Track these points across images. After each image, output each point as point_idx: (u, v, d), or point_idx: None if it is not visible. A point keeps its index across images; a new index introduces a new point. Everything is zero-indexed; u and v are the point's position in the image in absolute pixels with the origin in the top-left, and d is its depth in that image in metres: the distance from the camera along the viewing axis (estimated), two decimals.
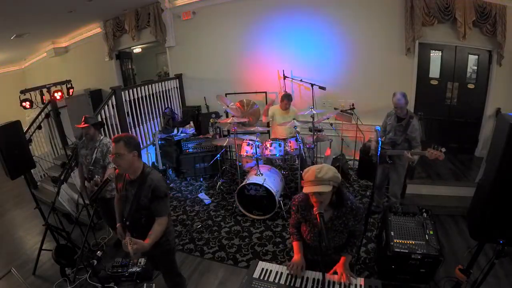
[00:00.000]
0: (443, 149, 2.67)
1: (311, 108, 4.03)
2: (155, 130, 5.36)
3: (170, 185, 4.89)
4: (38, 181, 5.13)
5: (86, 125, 2.90)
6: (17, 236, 3.99)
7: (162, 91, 5.53)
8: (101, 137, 3.04)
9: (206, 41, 5.54)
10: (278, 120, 4.44)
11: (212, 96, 5.42)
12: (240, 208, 3.85)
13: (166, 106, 5.65)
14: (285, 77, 4.97)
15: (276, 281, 1.71)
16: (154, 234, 1.93)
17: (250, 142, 4.09)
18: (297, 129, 4.01)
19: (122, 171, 2.01)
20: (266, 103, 5.25)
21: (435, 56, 4.56)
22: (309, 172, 1.60)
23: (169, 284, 2.40)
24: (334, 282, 1.68)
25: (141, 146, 5.03)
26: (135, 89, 4.89)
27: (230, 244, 3.37)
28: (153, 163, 5.04)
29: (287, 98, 4.35)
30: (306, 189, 1.60)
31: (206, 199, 4.38)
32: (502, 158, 1.57)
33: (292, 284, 1.68)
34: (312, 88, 4.68)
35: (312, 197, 1.61)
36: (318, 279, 1.70)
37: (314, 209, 1.59)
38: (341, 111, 4.81)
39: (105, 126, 4.24)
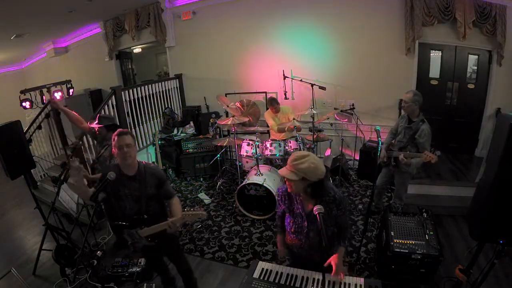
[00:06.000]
0: (438, 153, 2.64)
1: (311, 108, 4.04)
2: (155, 130, 5.36)
3: (170, 185, 4.89)
4: (38, 181, 5.13)
5: (100, 126, 2.91)
6: (17, 236, 3.99)
7: (162, 91, 5.53)
8: None
9: (206, 41, 5.54)
10: (276, 122, 4.45)
11: (212, 96, 5.42)
12: (240, 208, 3.85)
13: (166, 106, 5.65)
14: (285, 77, 4.97)
15: (276, 281, 1.71)
16: (179, 209, 2.08)
17: (250, 142, 4.09)
18: (296, 124, 4.01)
19: (130, 162, 2.04)
20: (266, 103, 5.24)
21: (435, 56, 4.56)
22: (292, 156, 1.67)
23: (184, 267, 2.48)
24: (334, 282, 1.68)
25: (141, 146, 5.03)
26: (135, 89, 4.89)
27: (230, 244, 3.37)
28: (153, 162, 5.04)
29: (273, 102, 4.39)
30: (280, 170, 1.72)
31: (206, 199, 4.38)
32: (502, 158, 1.58)
33: (292, 284, 1.68)
34: (312, 88, 4.68)
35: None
36: (318, 279, 1.70)
37: (314, 208, 1.59)
38: (341, 111, 4.81)
39: None
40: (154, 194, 2.09)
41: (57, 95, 4.29)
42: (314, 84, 4.67)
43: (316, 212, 1.55)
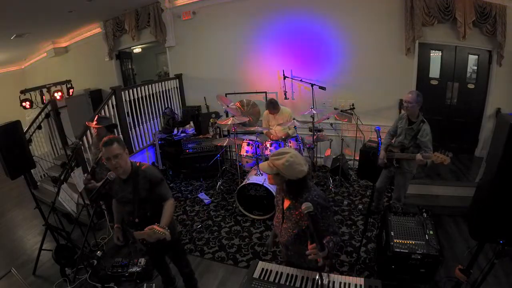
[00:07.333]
0: (450, 154, 2.64)
1: (311, 108, 4.04)
2: (155, 130, 5.36)
3: (170, 185, 4.89)
4: (38, 181, 5.14)
5: (99, 126, 2.90)
6: (17, 236, 3.99)
7: (162, 91, 5.53)
8: None
9: (206, 41, 5.54)
10: (272, 124, 4.45)
11: (212, 96, 5.42)
12: (240, 208, 3.85)
13: (166, 106, 5.65)
14: (285, 77, 4.97)
15: (276, 281, 1.71)
16: (166, 217, 2.00)
17: (250, 142, 4.09)
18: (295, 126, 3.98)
19: (121, 172, 2.01)
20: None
21: (435, 56, 4.56)
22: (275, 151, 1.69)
23: (185, 270, 2.50)
24: (334, 282, 1.68)
25: (141, 146, 5.04)
26: (135, 89, 4.89)
27: (230, 244, 3.37)
28: (153, 162, 5.04)
29: (269, 106, 4.27)
30: (261, 164, 1.76)
31: (206, 199, 4.38)
32: (502, 158, 1.57)
33: (292, 284, 1.68)
34: (312, 88, 4.68)
35: None
36: (319, 280, 1.70)
37: (302, 207, 1.50)
38: (341, 111, 4.81)
39: None
40: (148, 197, 2.04)
41: (57, 95, 4.30)
42: (314, 84, 4.67)
43: (305, 211, 1.47)
